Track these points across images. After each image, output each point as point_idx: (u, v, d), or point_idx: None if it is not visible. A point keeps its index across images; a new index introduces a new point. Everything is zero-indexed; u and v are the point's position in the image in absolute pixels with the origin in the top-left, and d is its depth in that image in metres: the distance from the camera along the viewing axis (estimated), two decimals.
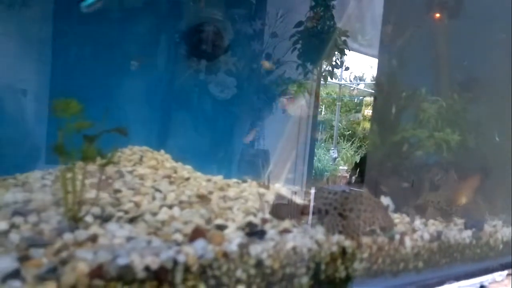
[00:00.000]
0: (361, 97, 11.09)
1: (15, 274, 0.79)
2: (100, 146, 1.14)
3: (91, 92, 2.61)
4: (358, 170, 2.28)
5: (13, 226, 0.98)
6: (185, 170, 1.81)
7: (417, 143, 1.77)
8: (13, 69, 2.30)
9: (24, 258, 0.84)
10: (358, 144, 9.17)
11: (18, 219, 1.01)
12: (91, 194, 1.22)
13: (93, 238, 0.96)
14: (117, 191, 1.36)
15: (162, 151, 1.92)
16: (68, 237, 0.95)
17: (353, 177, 2.37)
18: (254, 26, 3.18)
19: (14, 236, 0.93)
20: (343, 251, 1.19)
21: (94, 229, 1.01)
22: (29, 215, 1.04)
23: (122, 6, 2.80)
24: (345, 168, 7.42)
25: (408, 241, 1.35)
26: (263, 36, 3.22)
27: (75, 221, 1.04)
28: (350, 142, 9.57)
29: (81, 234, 0.97)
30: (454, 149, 1.75)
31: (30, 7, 2.24)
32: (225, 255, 1.00)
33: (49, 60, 2.48)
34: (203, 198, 1.41)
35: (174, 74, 3.00)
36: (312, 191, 1.36)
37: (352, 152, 8.75)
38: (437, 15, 2.19)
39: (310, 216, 1.29)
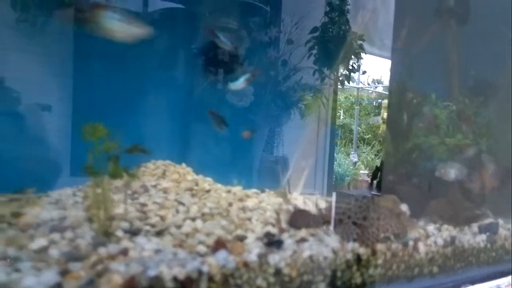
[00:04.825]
0: (379, 100, 11.04)
1: (58, 287, 0.88)
2: (126, 161, 1.24)
3: (113, 107, 2.71)
4: (379, 174, 2.32)
5: (52, 242, 1.08)
6: (206, 182, 1.89)
7: (429, 149, 1.82)
8: (36, 85, 2.40)
9: (64, 272, 0.93)
10: (379, 148, 9.11)
11: (55, 236, 1.11)
12: (119, 209, 1.31)
13: (124, 252, 1.05)
14: (143, 205, 1.45)
15: (184, 165, 2.00)
16: (102, 251, 1.04)
17: (374, 181, 2.40)
18: (269, 33, 3.23)
19: (54, 252, 1.02)
20: (358, 258, 1.25)
21: (125, 243, 1.10)
22: (65, 231, 1.14)
23: (139, 17, 2.91)
24: (366, 172, 7.40)
25: (422, 247, 1.40)
26: (278, 43, 3.27)
27: (107, 236, 1.13)
28: (370, 146, 9.53)
29: (113, 248, 1.06)
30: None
31: (52, 24, 2.34)
32: (246, 264, 1.07)
33: (71, 76, 2.59)
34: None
35: (192, 86, 3.08)
36: (333, 197, 1.41)
37: (373, 156, 8.72)
38: (446, 21, 2.23)
39: (326, 225, 1.35)
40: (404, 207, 1.68)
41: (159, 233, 1.20)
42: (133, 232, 1.19)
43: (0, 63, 2.34)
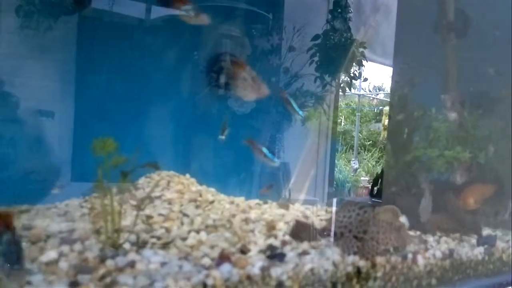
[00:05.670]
0: (380, 107, 11.05)
1: None
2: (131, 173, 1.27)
3: (115, 114, 2.75)
4: (379, 181, 2.35)
5: (61, 254, 1.11)
6: (209, 193, 1.92)
7: (428, 161, 1.85)
8: (40, 91, 2.44)
9: (73, 284, 0.97)
10: (379, 154, 9.12)
11: (65, 248, 1.14)
12: (126, 221, 1.35)
13: (132, 264, 1.09)
14: (149, 217, 1.49)
15: (188, 175, 2.03)
16: (110, 263, 1.08)
17: (375, 188, 2.43)
18: (271, 40, 3.26)
19: (63, 264, 1.06)
20: (358, 271, 1.28)
21: (132, 255, 1.14)
22: (74, 243, 1.17)
23: (142, 25, 2.93)
24: (367, 179, 7.41)
25: (420, 259, 1.43)
26: (280, 50, 3.30)
27: (115, 248, 1.17)
28: (371, 153, 9.53)
29: (121, 260, 1.09)
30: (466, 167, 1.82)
31: (55, 30, 2.36)
32: (249, 277, 1.11)
33: (73, 82, 2.60)
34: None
35: (195, 95, 3.11)
36: (333, 203, 1.44)
37: (374, 163, 8.72)
38: (446, 35, 2.27)
39: (327, 238, 1.38)
40: (403, 219, 1.71)
41: (165, 246, 1.24)
42: (139, 245, 1.22)
43: (6, 69, 2.38)
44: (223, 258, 1.16)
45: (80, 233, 1.25)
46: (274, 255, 1.24)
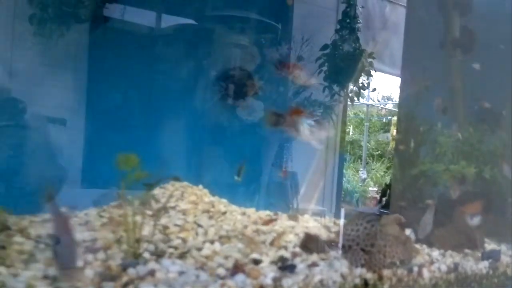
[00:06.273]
0: (389, 117, 11.06)
1: None
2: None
3: (126, 122, 2.81)
4: (388, 192, 2.39)
5: (86, 262, 1.19)
6: (222, 204, 1.99)
7: (434, 176, 1.91)
8: (53, 98, 2.48)
9: None
10: (388, 164, 9.10)
11: (89, 257, 1.22)
12: (144, 231, 1.42)
13: (152, 273, 1.16)
14: (165, 227, 1.56)
15: (200, 186, 2.10)
16: (131, 271, 1.15)
17: (383, 199, 2.47)
18: (280, 50, 3.30)
19: (89, 272, 1.13)
20: (365, 283, 1.34)
21: (152, 264, 1.21)
22: (97, 252, 1.25)
23: (152, 32, 3.00)
24: (375, 189, 7.42)
25: (426, 273, 1.48)
26: (289, 59, 3.32)
27: (136, 257, 1.24)
28: (380, 163, 9.53)
29: (142, 269, 1.17)
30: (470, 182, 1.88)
31: (67, 38, 2.40)
32: (262, 287, 1.17)
33: (84, 90, 2.67)
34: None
35: (205, 105, 3.16)
36: (342, 214, 1.50)
37: (382, 173, 8.71)
38: (452, 50, 2.32)
39: (336, 250, 1.44)
40: (409, 232, 1.76)
41: (182, 256, 1.31)
42: (158, 254, 1.30)
43: (20, 76, 2.44)
44: (237, 268, 1.22)
45: (103, 242, 1.33)
46: (285, 266, 1.30)
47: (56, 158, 2.35)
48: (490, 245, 1.87)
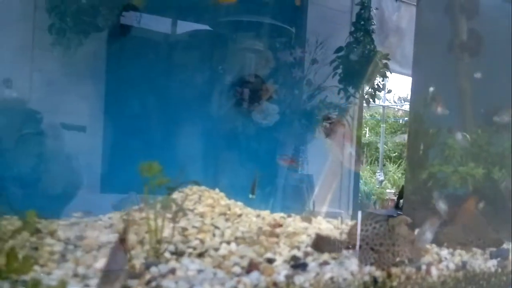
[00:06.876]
0: (405, 118, 10.99)
1: None
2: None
3: (144, 129, 2.91)
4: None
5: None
6: (237, 207, 2.07)
7: (443, 178, 1.96)
8: (73, 106, 2.58)
9: None
10: (405, 166, 9.00)
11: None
12: (164, 233, 1.51)
13: (173, 271, 1.25)
14: (184, 229, 1.65)
15: (217, 190, 2.18)
16: (154, 270, 1.24)
17: (401, 201, 2.52)
18: (294, 53, 3.34)
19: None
20: (375, 280, 1.40)
21: (172, 263, 1.30)
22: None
23: (168, 39, 3.08)
24: (392, 191, 7.39)
25: (434, 271, 1.54)
26: (303, 62, 3.38)
27: (157, 257, 1.33)
28: (397, 164, 9.48)
29: (163, 268, 1.26)
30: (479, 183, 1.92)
31: (86, 47, 2.50)
32: (275, 284, 1.25)
33: (103, 97, 2.76)
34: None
35: (220, 109, 3.24)
36: (359, 216, 1.56)
37: (399, 175, 8.67)
38: (460, 54, 2.37)
39: (346, 251, 1.51)
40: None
41: (200, 255, 1.40)
42: (178, 254, 1.39)
43: (41, 86, 2.55)
44: (252, 266, 1.30)
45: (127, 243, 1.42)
46: (298, 264, 1.38)
47: (76, 164, 2.45)
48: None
